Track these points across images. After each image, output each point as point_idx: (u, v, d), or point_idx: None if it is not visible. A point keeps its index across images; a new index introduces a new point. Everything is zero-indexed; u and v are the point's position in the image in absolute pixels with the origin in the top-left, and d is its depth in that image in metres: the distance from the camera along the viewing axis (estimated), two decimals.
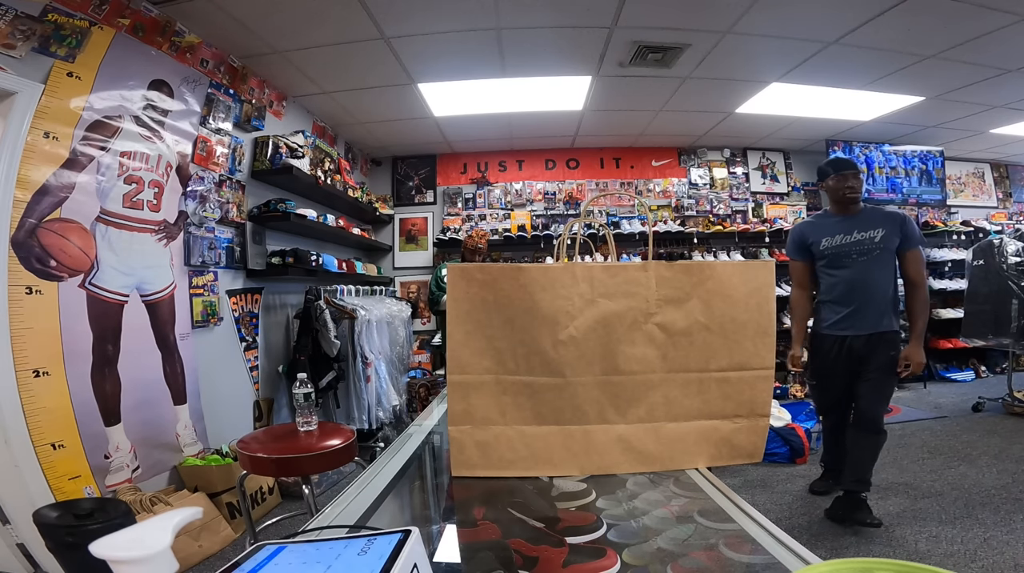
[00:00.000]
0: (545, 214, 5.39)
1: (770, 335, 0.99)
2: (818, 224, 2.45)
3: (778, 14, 2.84)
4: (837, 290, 2.33)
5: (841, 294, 2.32)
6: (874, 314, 2.26)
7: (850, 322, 2.29)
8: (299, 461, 1.74)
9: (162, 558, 0.38)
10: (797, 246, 2.47)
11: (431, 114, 4.25)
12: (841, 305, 2.32)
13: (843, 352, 2.32)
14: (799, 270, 2.50)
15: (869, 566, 0.45)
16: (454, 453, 0.98)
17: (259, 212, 3.27)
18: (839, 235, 2.32)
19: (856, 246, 2.29)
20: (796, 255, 2.50)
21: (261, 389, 3.35)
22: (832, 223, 2.37)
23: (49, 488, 1.93)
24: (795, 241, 2.49)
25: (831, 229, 2.35)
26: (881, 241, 2.25)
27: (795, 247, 2.49)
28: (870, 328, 2.26)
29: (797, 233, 2.50)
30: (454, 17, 2.80)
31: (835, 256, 2.33)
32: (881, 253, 2.26)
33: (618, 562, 0.72)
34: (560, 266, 0.97)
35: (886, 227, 2.25)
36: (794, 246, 2.49)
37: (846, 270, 2.30)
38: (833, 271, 2.35)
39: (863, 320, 2.27)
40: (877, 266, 2.26)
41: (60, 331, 2.04)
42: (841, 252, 2.32)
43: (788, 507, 2.60)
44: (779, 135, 5.14)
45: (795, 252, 2.50)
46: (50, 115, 2.01)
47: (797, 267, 2.51)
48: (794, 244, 2.49)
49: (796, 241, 2.48)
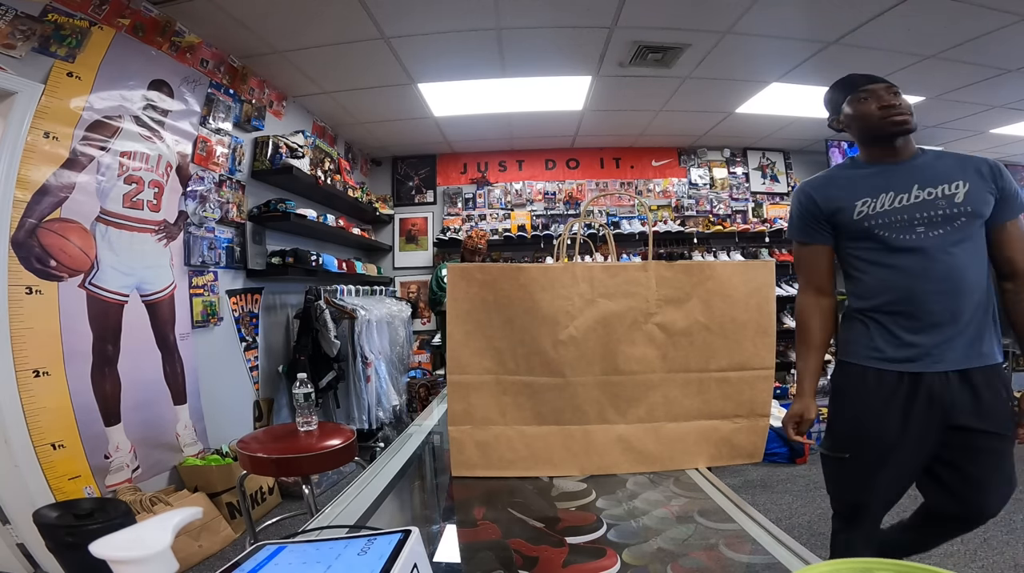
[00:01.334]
0: (545, 214, 5.39)
1: (770, 335, 1.00)
2: (844, 179, 1.42)
3: (778, 14, 2.84)
4: (894, 291, 1.32)
5: (902, 297, 1.31)
6: (970, 333, 1.29)
7: (926, 348, 1.29)
8: (299, 461, 1.74)
9: (162, 558, 0.38)
10: (809, 219, 1.45)
11: (431, 114, 4.25)
12: (905, 317, 1.31)
13: (911, 403, 1.30)
14: (814, 260, 1.47)
15: (869, 566, 0.45)
16: (454, 453, 0.98)
17: (259, 212, 3.27)
18: (888, 194, 1.34)
19: (922, 211, 1.30)
20: (807, 234, 1.46)
21: (261, 389, 3.35)
22: (870, 177, 1.37)
23: (49, 488, 1.93)
24: (806, 210, 1.46)
25: (871, 186, 1.36)
26: (965, 201, 1.28)
27: (806, 221, 1.46)
28: (963, 359, 1.28)
29: (806, 198, 1.46)
30: (454, 17, 2.80)
31: (886, 230, 1.32)
32: (966, 223, 1.29)
33: (618, 562, 0.72)
34: (560, 266, 0.97)
35: (969, 178, 1.30)
36: (804, 220, 1.47)
37: (908, 255, 1.30)
38: (883, 259, 1.34)
39: (949, 344, 1.28)
40: (963, 246, 1.29)
41: (60, 331, 2.04)
42: (897, 223, 1.32)
43: (788, 507, 2.60)
44: (779, 135, 5.14)
45: (806, 229, 1.46)
46: (50, 115, 2.01)
47: (810, 255, 1.47)
48: (804, 216, 1.47)
49: (808, 210, 1.45)
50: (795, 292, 1.60)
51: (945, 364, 1.28)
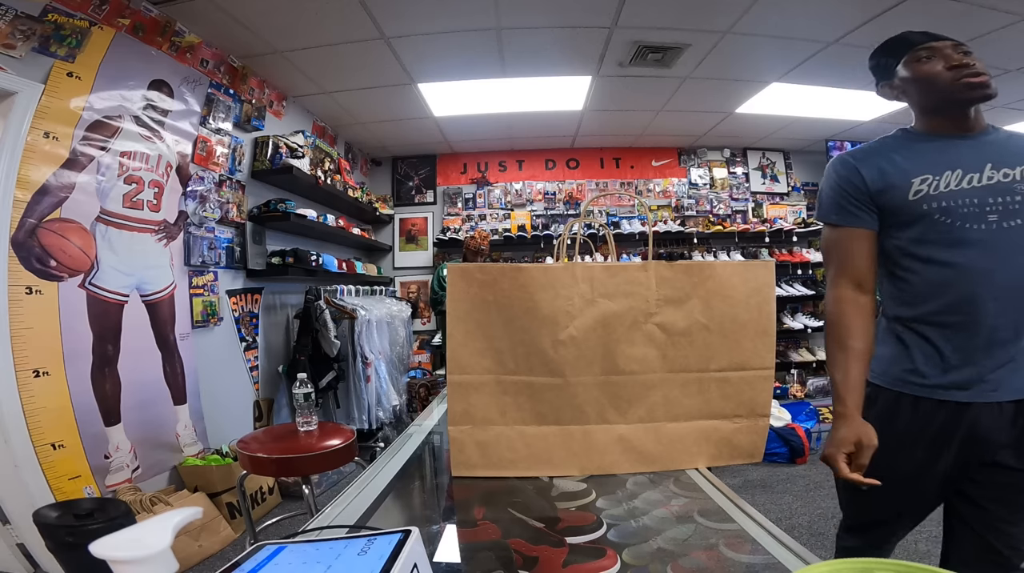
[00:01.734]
0: (545, 214, 5.38)
1: (770, 335, 0.99)
2: (898, 152, 1.14)
3: (778, 14, 2.84)
4: (949, 295, 1.05)
5: (960, 304, 1.04)
6: None
7: (980, 372, 1.03)
8: (299, 461, 1.74)
9: (162, 558, 0.38)
10: (849, 196, 1.14)
11: (431, 114, 4.25)
12: (958, 330, 1.05)
13: (948, 438, 1.06)
14: (852, 247, 1.15)
15: (869, 566, 0.45)
16: (454, 453, 0.98)
17: (259, 212, 3.27)
18: (954, 173, 1.05)
19: (996, 195, 1.03)
20: (845, 215, 1.15)
21: (261, 389, 3.35)
22: (931, 151, 1.10)
23: (49, 488, 1.93)
24: (847, 186, 1.15)
25: (932, 161, 1.08)
26: None
27: (846, 198, 1.14)
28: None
29: (847, 170, 1.15)
30: (454, 17, 2.80)
31: (949, 216, 1.04)
32: None
33: (618, 562, 0.72)
34: (560, 266, 0.97)
35: None
36: (843, 197, 1.15)
37: (973, 251, 1.03)
38: (940, 254, 1.06)
39: (1011, 367, 1.02)
40: None
41: (60, 331, 2.04)
42: (963, 208, 1.04)
43: (788, 507, 2.60)
44: (779, 135, 5.14)
45: (844, 208, 1.15)
46: (50, 115, 2.01)
47: (847, 241, 1.15)
48: (843, 193, 1.15)
49: (849, 185, 1.14)
50: (795, 292, 1.43)
51: (1002, 393, 1.02)
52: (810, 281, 5.22)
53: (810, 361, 5.18)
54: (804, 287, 5.07)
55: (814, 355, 5.23)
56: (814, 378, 5.14)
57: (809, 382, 5.10)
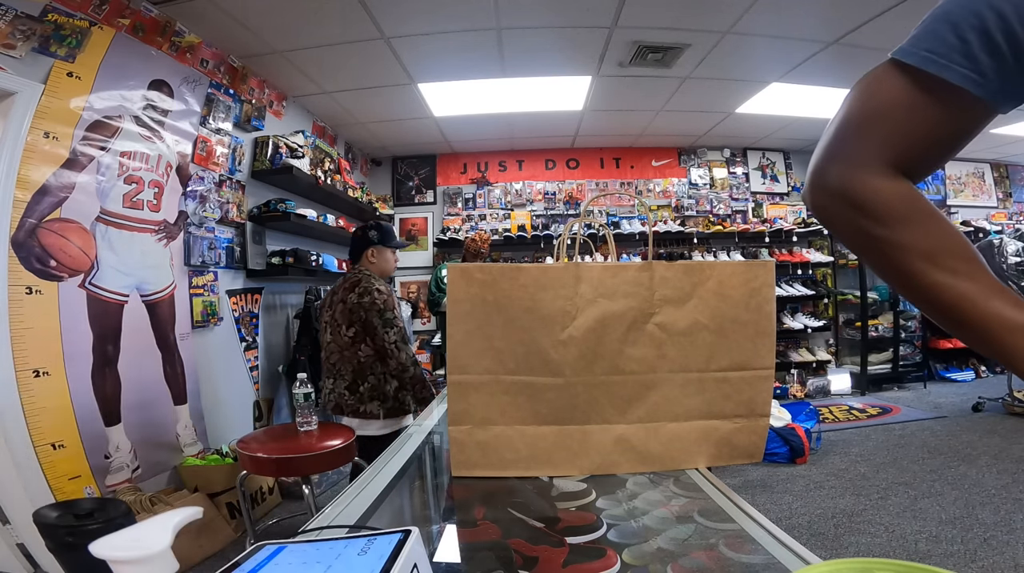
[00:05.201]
0: (545, 214, 5.39)
1: (770, 335, 0.99)
2: None
3: (778, 14, 2.84)
4: None
5: None
6: None
7: None
8: (299, 461, 1.74)
9: (162, 558, 0.38)
10: (973, 33, 0.43)
11: (431, 114, 4.25)
12: None
13: None
14: (938, 118, 0.48)
15: (869, 566, 0.45)
16: (454, 453, 0.98)
17: (259, 212, 3.27)
18: None
19: None
20: (952, 59, 0.45)
21: (261, 389, 3.35)
22: None
23: (49, 488, 1.93)
24: (973, 16, 0.43)
25: None
26: None
27: (974, 28, 0.43)
28: None
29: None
30: (454, 17, 2.80)
31: None
32: None
33: (618, 562, 0.72)
34: (560, 266, 0.97)
35: None
36: (964, 30, 0.44)
37: None
38: None
39: None
40: None
41: (60, 331, 2.04)
42: None
43: (788, 507, 2.60)
44: (779, 135, 5.14)
45: (955, 50, 0.45)
46: (50, 115, 2.01)
47: (932, 107, 0.47)
48: (964, 25, 0.44)
49: (981, 16, 0.43)
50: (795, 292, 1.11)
51: None
52: (810, 281, 5.23)
53: (810, 361, 5.19)
54: (804, 287, 5.07)
55: (814, 355, 5.24)
56: (814, 378, 5.14)
57: (809, 382, 5.11)
